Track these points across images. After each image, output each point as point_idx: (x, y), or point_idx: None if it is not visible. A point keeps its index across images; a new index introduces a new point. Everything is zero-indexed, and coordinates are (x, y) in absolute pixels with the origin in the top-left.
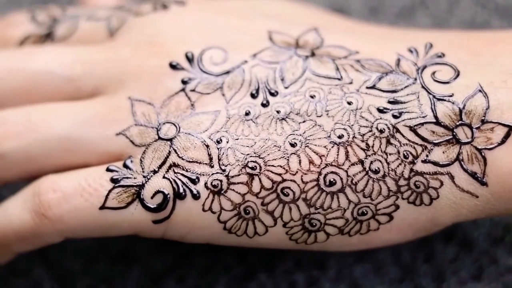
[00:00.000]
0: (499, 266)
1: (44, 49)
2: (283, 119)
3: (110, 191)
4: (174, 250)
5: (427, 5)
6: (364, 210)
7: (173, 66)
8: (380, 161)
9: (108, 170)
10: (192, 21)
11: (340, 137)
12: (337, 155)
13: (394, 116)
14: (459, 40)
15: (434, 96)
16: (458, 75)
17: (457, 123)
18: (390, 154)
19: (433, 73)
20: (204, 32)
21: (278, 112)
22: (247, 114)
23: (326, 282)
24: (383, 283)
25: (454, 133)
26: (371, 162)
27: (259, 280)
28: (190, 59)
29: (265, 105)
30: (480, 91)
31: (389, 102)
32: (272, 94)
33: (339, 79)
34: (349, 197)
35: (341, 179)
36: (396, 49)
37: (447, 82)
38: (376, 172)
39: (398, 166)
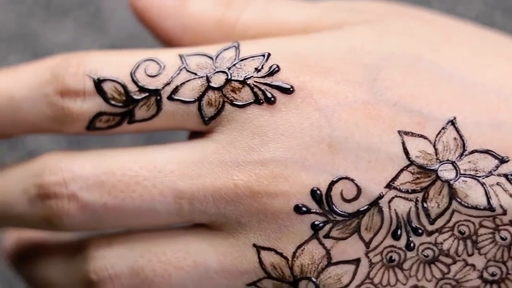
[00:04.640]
0: None
1: (137, 178)
2: (431, 262)
3: None
4: None
5: (430, 2)
6: None
7: (299, 210)
8: None
9: None
10: (307, 130)
11: (493, 274)
12: None
13: None
14: None
15: None
16: None
17: None
18: None
19: None
20: (326, 151)
21: (426, 256)
22: (391, 260)
23: None
24: None
25: None
26: None
27: None
28: (318, 199)
29: (410, 247)
30: None
31: None
32: (416, 233)
33: (491, 209)
34: None
35: None
36: None
37: None
38: None
39: None
